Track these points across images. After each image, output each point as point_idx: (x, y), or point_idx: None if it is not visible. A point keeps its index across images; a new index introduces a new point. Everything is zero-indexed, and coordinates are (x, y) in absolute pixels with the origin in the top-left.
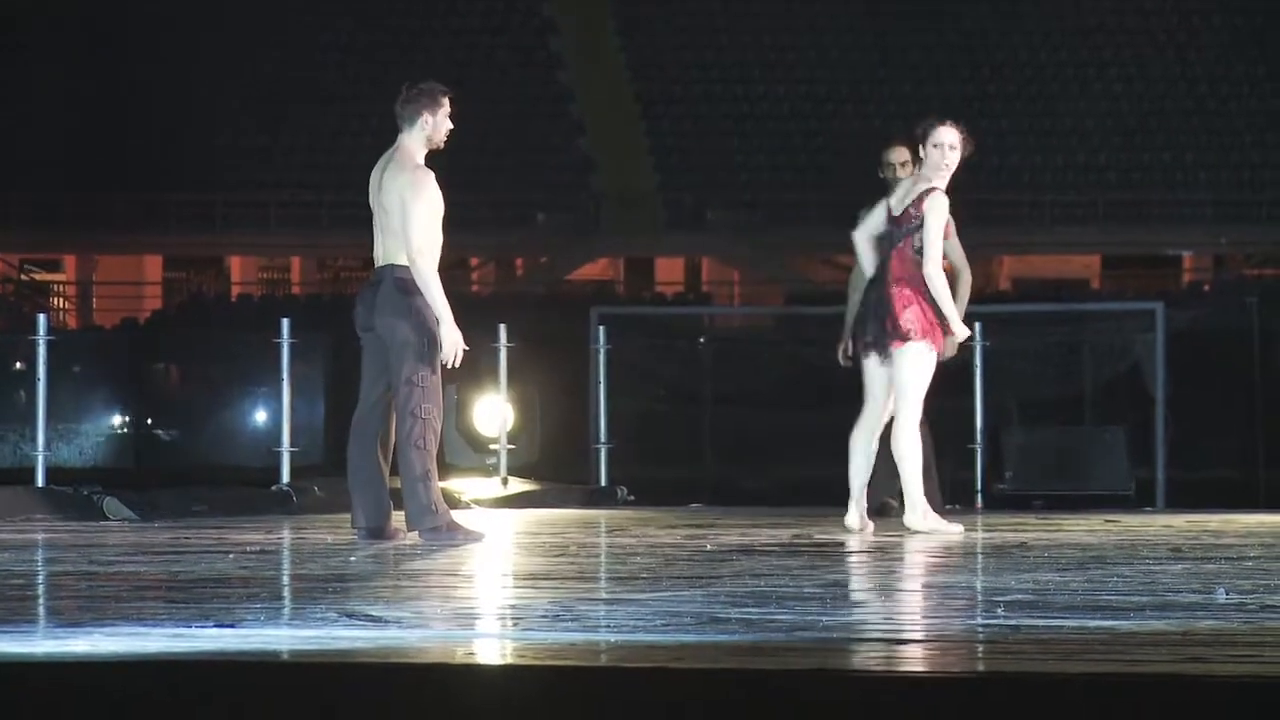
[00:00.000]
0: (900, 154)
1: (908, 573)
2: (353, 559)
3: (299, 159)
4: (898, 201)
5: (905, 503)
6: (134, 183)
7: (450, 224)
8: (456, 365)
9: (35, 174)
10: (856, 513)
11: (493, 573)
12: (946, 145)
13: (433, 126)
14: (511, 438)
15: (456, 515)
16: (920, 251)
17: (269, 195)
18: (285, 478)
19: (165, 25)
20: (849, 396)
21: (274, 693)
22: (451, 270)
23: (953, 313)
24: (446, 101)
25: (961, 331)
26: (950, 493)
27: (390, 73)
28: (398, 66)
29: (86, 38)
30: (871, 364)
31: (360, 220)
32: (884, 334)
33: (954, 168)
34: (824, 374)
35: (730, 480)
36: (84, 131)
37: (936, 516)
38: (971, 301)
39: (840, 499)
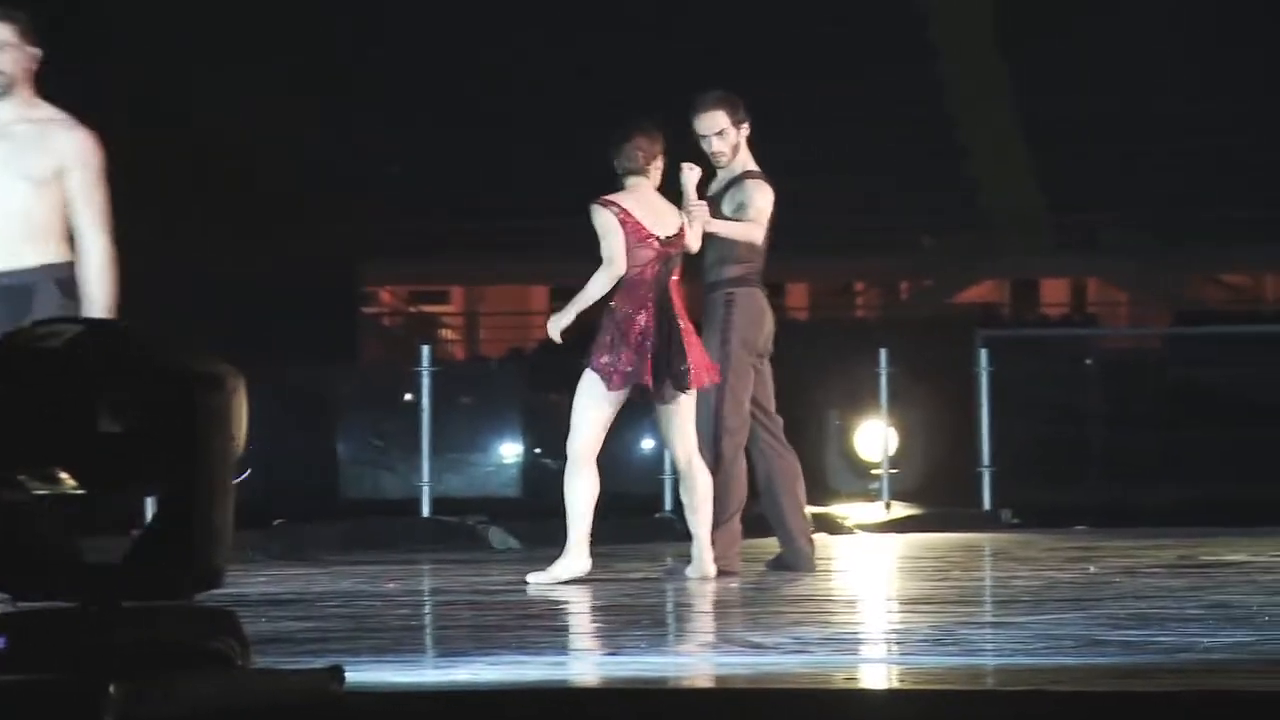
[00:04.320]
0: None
1: None
2: (732, 585)
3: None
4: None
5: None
6: (518, 212)
7: (836, 250)
8: None
9: (423, 205)
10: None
11: (874, 597)
12: None
13: None
14: (894, 462)
15: None
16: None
17: None
18: (668, 505)
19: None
20: (1239, 416)
21: (652, 719)
22: (836, 296)
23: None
24: None
25: None
26: None
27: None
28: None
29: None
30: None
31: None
32: (685, 376)
33: None
34: (1213, 393)
35: (1116, 501)
36: (472, 162)
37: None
38: None
39: (1229, 520)
